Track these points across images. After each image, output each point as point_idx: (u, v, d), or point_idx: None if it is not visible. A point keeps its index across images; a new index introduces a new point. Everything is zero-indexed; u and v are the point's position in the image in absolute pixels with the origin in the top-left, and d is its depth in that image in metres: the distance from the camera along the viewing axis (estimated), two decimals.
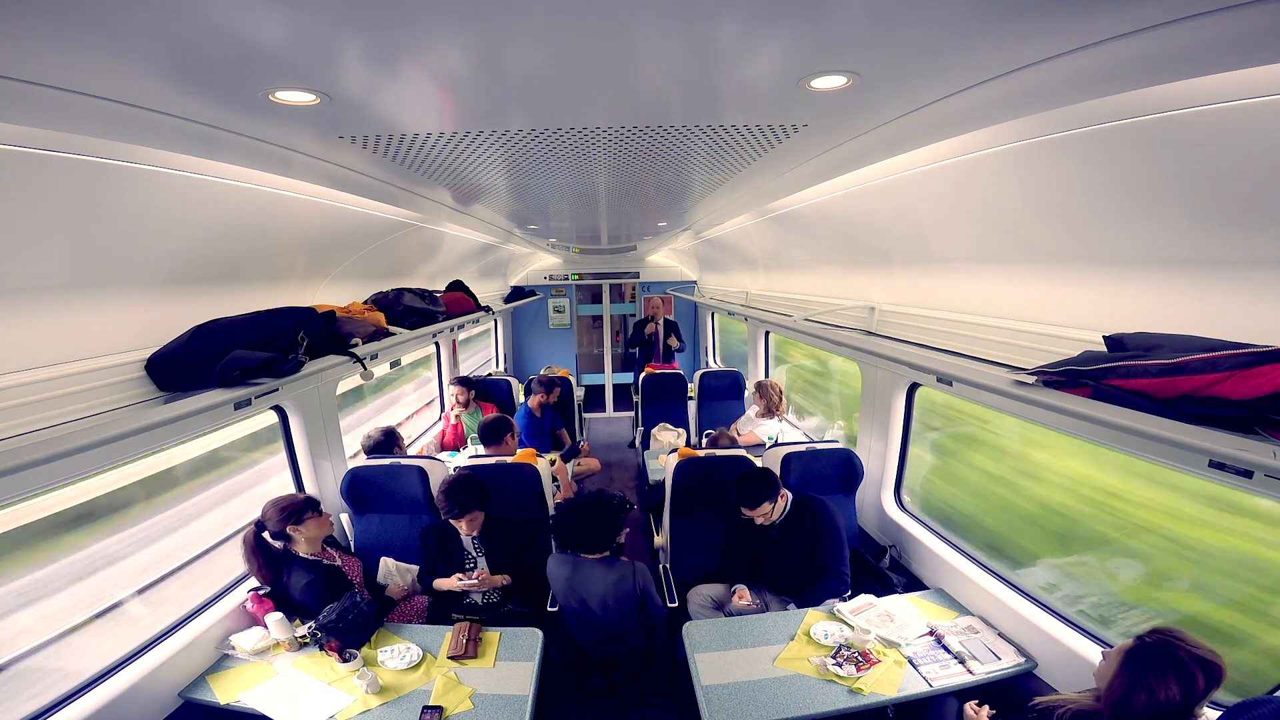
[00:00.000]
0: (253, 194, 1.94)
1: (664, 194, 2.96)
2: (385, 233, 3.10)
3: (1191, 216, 1.40)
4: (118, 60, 1.03)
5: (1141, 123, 1.25)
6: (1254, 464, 1.16)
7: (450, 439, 5.00)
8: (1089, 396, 1.52)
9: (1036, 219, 1.83)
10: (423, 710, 2.06)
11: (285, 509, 2.49)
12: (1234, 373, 1.22)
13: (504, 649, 2.38)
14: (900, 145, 1.76)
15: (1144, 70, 1.07)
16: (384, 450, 3.68)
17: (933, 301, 2.66)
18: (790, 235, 3.71)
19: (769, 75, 1.26)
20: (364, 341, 2.74)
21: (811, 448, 3.29)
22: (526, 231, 4.77)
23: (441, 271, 4.77)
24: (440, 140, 1.74)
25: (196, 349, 1.99)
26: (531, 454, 3.45)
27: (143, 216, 1.69)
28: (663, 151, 1.96)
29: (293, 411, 3.00)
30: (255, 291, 2.50)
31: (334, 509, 3.21)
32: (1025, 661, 2.25)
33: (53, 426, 1.61)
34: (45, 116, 1.15)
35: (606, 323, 9.14)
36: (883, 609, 2.55)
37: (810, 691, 2.12)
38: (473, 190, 2.65)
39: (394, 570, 2.98)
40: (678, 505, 3.28)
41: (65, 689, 1.89)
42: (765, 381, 4.86)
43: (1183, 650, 1.47)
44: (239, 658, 2.34)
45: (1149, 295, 1.63)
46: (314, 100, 1.30)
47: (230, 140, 1.51)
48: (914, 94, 1.39)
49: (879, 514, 3.38)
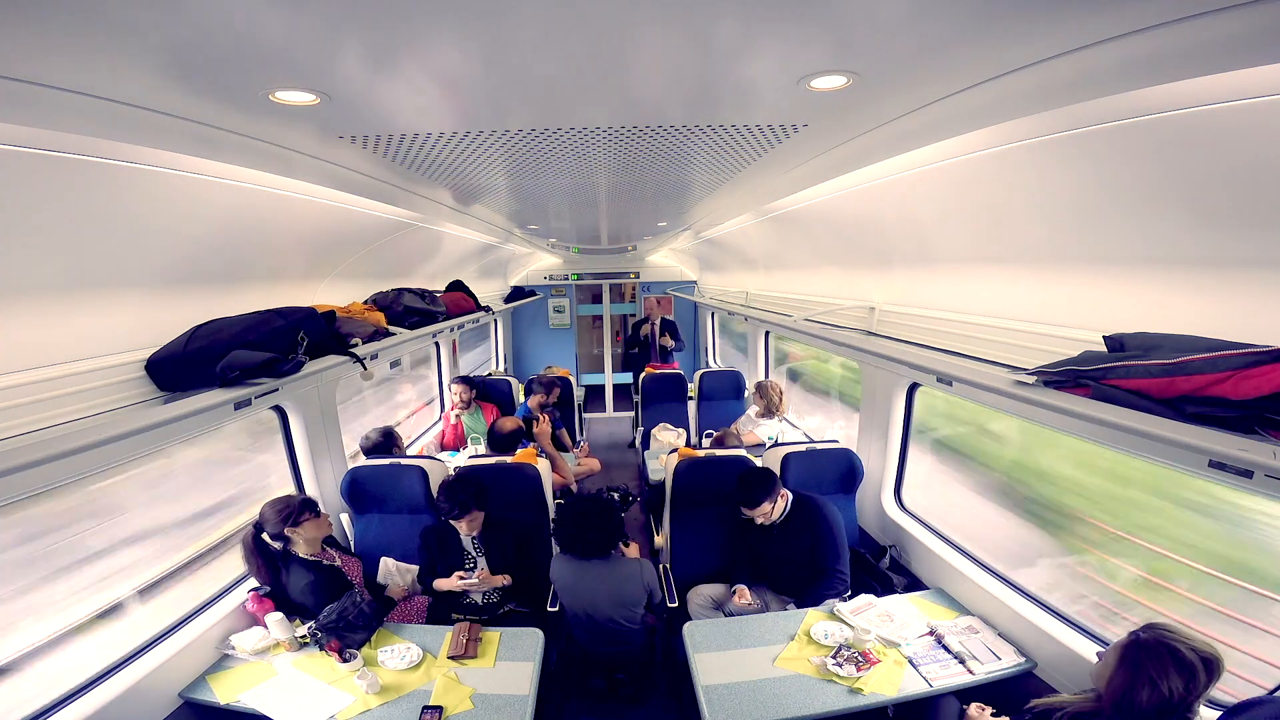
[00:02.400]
0: (253, 194, 1.93)
1: (664, 194, 2.96)
2: (385, 233, 3.10)
3: (1191, 216, 1.40)
4: (118, 60, 1.03)
5: (1141, 123, 1.25)
6: (1254, 464, 1.16)
7: (450, 439, 5.00)
8: (1089, 396, 1.52)
9: (1036, 219, 1.83)
10: (423, 710, 2.06)
11: (282, 511, 2.48)
12: (1234, 373, 1.22)
13: (504, 649, 2.38)
14: (900, 145, 1.76)
15: (1144, 70, 1.07)
16: (382, 451, 3.68)
17: (933, 301, 2.66)
18: (790, 235, 3.71)
19: (769, 75, 1.27)
20: (364, 341, 2.74)
21: (811, 448, 3.29)
22: (526, 231, 4.78)
23: (441, 271, 4.77)
24: (440, 140, 1.74)
25: (196, 349, 1.99)
26: (532, 454, 3.45)
27: (143, 216, 1.69)
28: (663, 151, 1.96)
29: (292, 412, 3.00)
30: (255, 291, 2.50)
31: (334, 509, 3.21)
32: (1025, 661, 2.25)
33: (53, 426, 1.61)
34: (45, 116, 1.15)
35: (606, 323, 9.14)
36: (883, 609, 2.55)
37: (810, 691, 2.12)
38: (473, 190, 2.65)
39: (394, 570, 2.98)
40: (678, 505, 3.28)
41: (65, 689, 1.89)
42: (765, 382, 4.85)
43: (1180, 644, 1.48)
44: (239, 658, 2.33)
45: (1149, 295, 1.63)
46: (314, 100, 1.30)
47: (230, 140, 1.51)
48: (914, 94, 1.39)
49: (879, 514, 3.38)
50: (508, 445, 3.83)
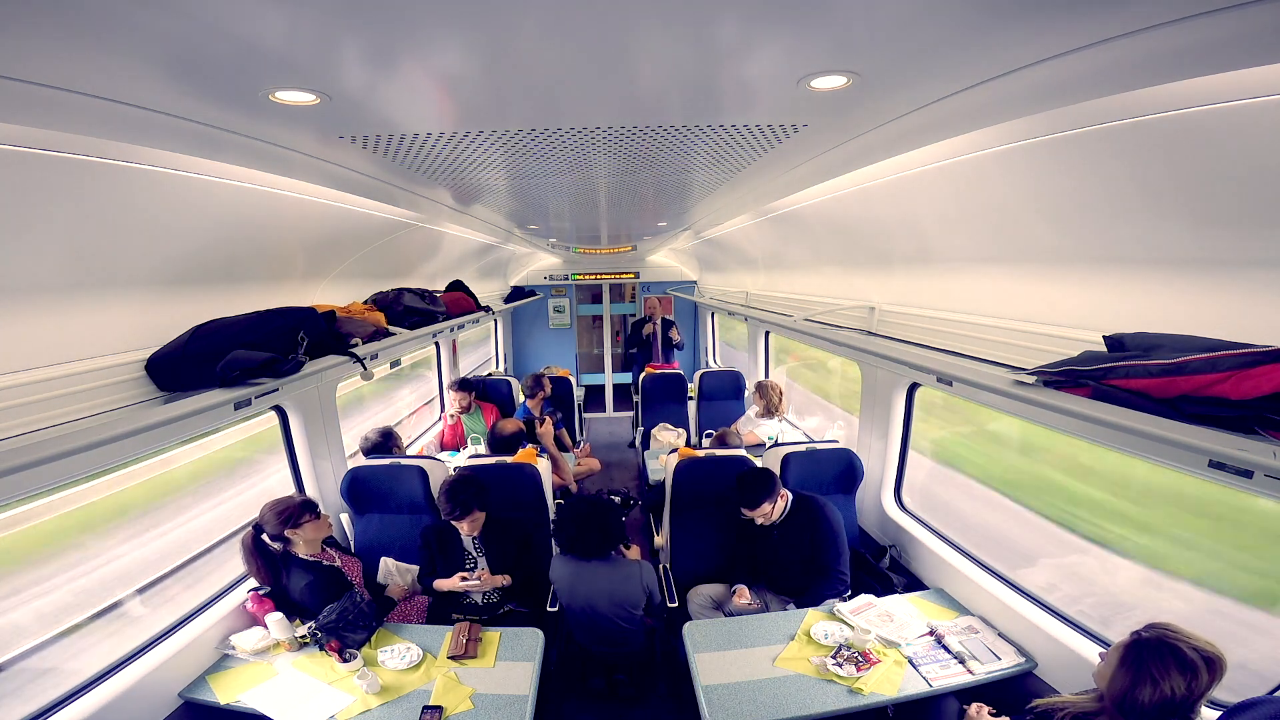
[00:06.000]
0: (253, 194, 1.93)
1: (664, 194, 2.96)
2: (385, 233, 3.10)
3: (1191, 216, 1.40)
4: (118, 60, 1.03)
5: (1142, 123, 1.25)
6: (1254, 464, 1.16)
7: (450, 439, 5.00)
8: (1089, 396, 1.52)
9: (1036, 219, 1.83)
10: (423, 710, 2.06)
11: (282, 513, 2.48)
12: (1234, 373, 1.22)
13: (504, 649, 2.38)
14: (900, 145, 1.76)
15: (1144, 70, 1.07)
16: (382, 451, 3.68)
17: (933, 301, 2.66)
18: (790, 235, 3.71)
19: (769, 75, 1.26)
20: (364, 341, 2.74)
21: (811, 448, 3.29)
22: (526, 231, 4.77)
23: (441, 271, 4.77)
24: (440, 140, 1.74)
25: (196, 349, 1.98)
26: (532, 454, 3.45)
27: (143, 216, 1.69)
28: (663, 151, 1.96)
29: (293, 412, 3.00)
30: (255, 291, 2.50)
31: (334, 509, 3.21)
32: (1025, 661, 2.25)
33: (53, 426, 1.61)
34: (45, 116, 1.15)
35: (606, 323, 9.14)
36: (883, 609, 2.54)
37: (810, 691, 2.12)
38: (473, 190, 2.64)
39: (394, 570, 2.98)
40: (678, 505, 3.28)
41: (65, 689, 1.89)
42: (765, 382, 4.86)
43: (1182, 643, 1.47)
44: (239, 658, 2.33)
45: (1149, 295, 1.63)
46: (314, 100, 1.30)
47: (230, 140, 1.51)
48: (914, 94, 1.39)
49: (879, 514, 3.38)
50: (508, 448, 3.83)
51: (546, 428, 4.12)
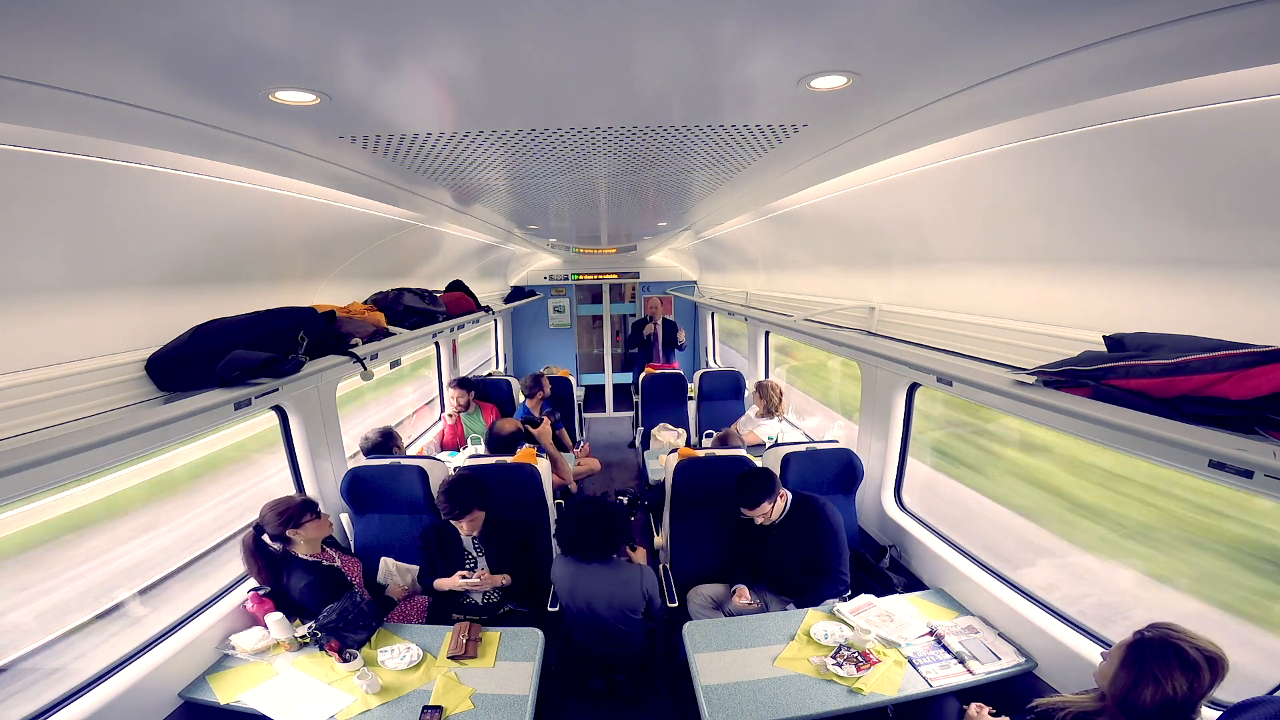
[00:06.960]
0: (253, 194, 1.93)
1: (664, 194, 2.96)
2: (385, 233, 3.10)
3: (1191, 216, 1.40)
4: (118, 60, 1.03)
5: (1141, 123, 1.25)
6: (1254, 464, 1.16)
7: (450, 439, 5.00)
8: (1089, 396, 1.52)
9: (1036, 219, 1.83)
10: (423, 710, 2.06)
11: (283, 513, 2.48)
12: (1234, 373, 1.22)
13: (504, 649, 2.38)
14: (900, 145, 1.76)
15: (1144, 70, 1.07)
16: (382, 451, 3.68)
17: (933, 301, 2.66)
18: (790, 235, 3.71)
19: (769, 75, 1.26)
20: (364, 341, 2.74)
21: (811, 448, 3.29)
22: (526, 231, 4.77)
23: (441, 271, 4.77)
24: (440, 140, 1.74)
25: (196, 349, 1.99)
26: (531, 454, 3.45)
27: (143, 216, 1.69)
28: (663, 151, 1.96)
29: (293, 412, 3.00)
30: (255, 291, 2.50)
31: (334, 509, 3.21)
32: (1025, 661, 2.25)
33: (53, 426, 1.61)
34: (45, 116, 1.15)
35: (606, 323, 9.14)
36: (883, 609, 2.55)
37: (810, 691, 2.12)
38: (473, 190, 2.64)
39: (394, 570, 2.98)
40: (677, 505, 3.28)
41: (65, 689, 1.89)
42: (765, 382, 4.86)
43: (1185, 643, 1.47)
44: (239, 658, 2.33)
45: (1149, 295, 1.63)
46: (314, 100, 1.30)
47: (230, 140, 1.51)
48: (914, 94, 1.39)
49: (879, 514, 3.38)
50: (506, 448, 3.83)
51: (544, 427, 4.12)
